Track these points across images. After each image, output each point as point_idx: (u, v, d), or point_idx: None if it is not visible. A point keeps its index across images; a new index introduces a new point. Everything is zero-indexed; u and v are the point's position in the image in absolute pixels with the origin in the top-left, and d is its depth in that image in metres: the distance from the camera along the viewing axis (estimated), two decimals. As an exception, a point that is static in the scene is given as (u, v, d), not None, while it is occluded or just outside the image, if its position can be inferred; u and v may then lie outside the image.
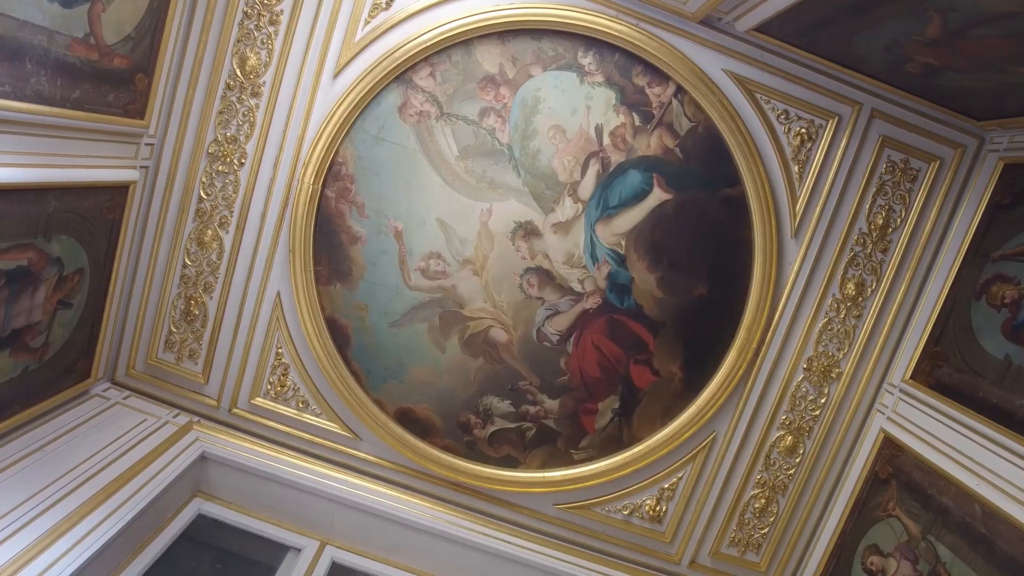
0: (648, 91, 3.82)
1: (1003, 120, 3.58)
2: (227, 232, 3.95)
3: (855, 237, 3.98)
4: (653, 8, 3.67)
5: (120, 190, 3.59)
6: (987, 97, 3.42)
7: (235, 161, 3.87)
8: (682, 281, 3.94)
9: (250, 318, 4.03)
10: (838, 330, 4.07)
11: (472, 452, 4.17)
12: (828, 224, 3.93)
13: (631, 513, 4.22)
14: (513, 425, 4.15)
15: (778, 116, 3.84)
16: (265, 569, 3.75)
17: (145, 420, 3.79)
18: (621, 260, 3.92)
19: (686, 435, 4.13)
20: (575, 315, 4.00)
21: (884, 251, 3.97)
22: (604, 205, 3.88)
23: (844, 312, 4.05)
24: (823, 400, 4.14)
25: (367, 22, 3.72)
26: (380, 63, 3.74)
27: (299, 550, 3.82)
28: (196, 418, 4.04)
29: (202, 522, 3.79)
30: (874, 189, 3.92)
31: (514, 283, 3.95)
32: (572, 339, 4.04)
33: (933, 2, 2.54)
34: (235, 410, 4.10)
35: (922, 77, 3.35)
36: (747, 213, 3.89)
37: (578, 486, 4.17)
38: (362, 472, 4.13)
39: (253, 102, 3.79)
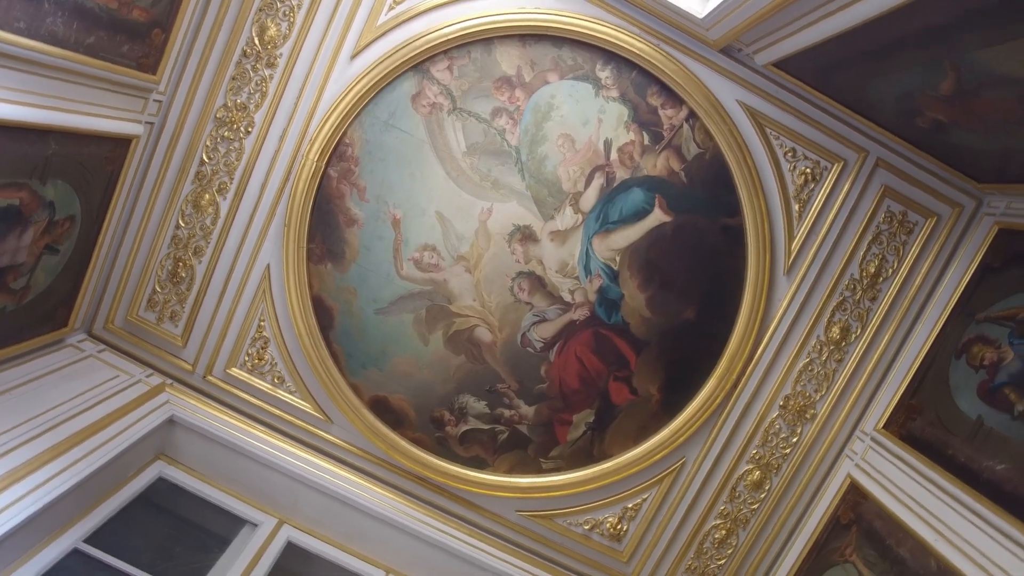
0: (661, 112, 3.84)
1: (1003, 185, 3.63)
2: (224, 198, 3.92)
3: (846, 282, 4.01)
4: (676, 31, 3.69)
5: (122, 143, 3.55)
6: (990, 160, 3.47)
7: (242, 129, 3.85)
8: (671, 303, 3.96)
9: (236, 287, 4.00)
10: (818, 372, 4.09)
11: (442, 449, 4.15)
12: (821, 266, 3.96)
13: (592, 528, 4.22)
14: (486, 426, 4.14)
15: (785, 153, 3.88)
16: (219, 540, 3.71)
17: (117, 376, 3.75)
18: (614, 276, 3.93)
19: (656, 457, 4.14)
20: (562, 324, 4.00)
21: (873, 299, 4.01)
22: (604, 219, 3.89)
23: (826, 355, 4.08)
24: (795, 439, 4.16)
25: (391, 7, 3.72)
26: (399, 50, 3.73)
27: (256, 525, 3.78)
28: (169, 380, 3.99)
29: (162, 485, 3.75)
30: (870, 237, 3.96)
31: (505, 285, 3.95)
32: (556, 348, 4.04)
33: (951, 58, 2.57)
34: (209, 377, 4.06)
35: (930, 132, 3.39)
36: (743, 245, 3.91)
37: (543, 495, 4.16)
38: (329, 455, 4.10)
39: (267, 72, 3.78)
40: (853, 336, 4.05)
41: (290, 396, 4.08)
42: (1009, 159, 3.32)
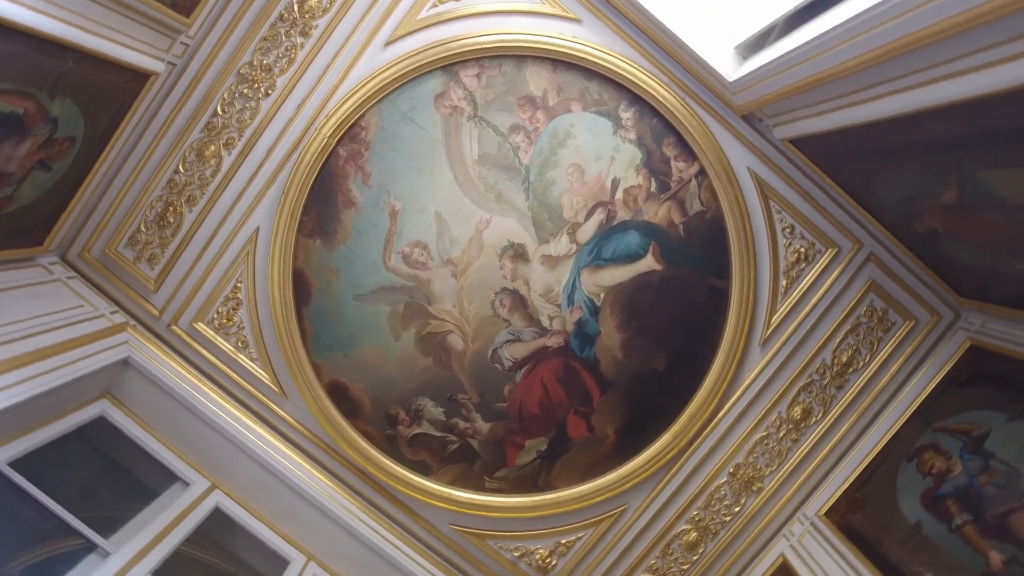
0: (673, 163, 3.89)
1: (982, 303, 3.72)
2: (229, 154, 3.89)
3: (817, 365, 4.07)
4: (704, 89, 3.76)
5: (140, 77, 3.52)
6: (975, 277, 3.55)
7: (262, 90, 3.84)
8: (645, 350, 3.98)
9: (221, 244, 3.96)
10: (773, 447, 4.13)
11: (390, 447, 4.11)
12: (797, 345, 4.02)
13: (521, 556, 4.18)
14: (438, 434, 4.11)
15: (784, 228, 3.95)
16: (147, 492, 3.63)
17: (82, 306, 3.68)
18: (595, 311, 3.95)
19: (599, 498, 4.13)
20: (534, 348, 4.00)
21: (839, 387, 4.07)
22: (597, 254, 3.92)
23: (784, 432, 4.11)
24: (737, 509, 4.18)
25: (435, 5, 3.76)
26: (433, 47, 3.76)
27: (188, 484, 3.70)
28: (133, 322, 3.93)
29: (102, 425, 3.66)
30: (848, 327, 4.03)
31: (487, 298, 3.95)
32: (523, 370, 4.03)
33: (957, 171, 2.65)
34: (174, 327, 3.99)
35: (924, 237, 3.48)
36: (726, 308, 3.96)
37: (479, 513, 4.13)
38: (276, 430, 4.04)
39: (299, 40, 3.78)
40: (813, 419, 4.10)
41: (250, 363, 4.03)
42: (992, 280, 3.41)
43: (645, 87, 3.76)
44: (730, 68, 3.52)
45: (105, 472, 3.70)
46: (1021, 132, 2.21)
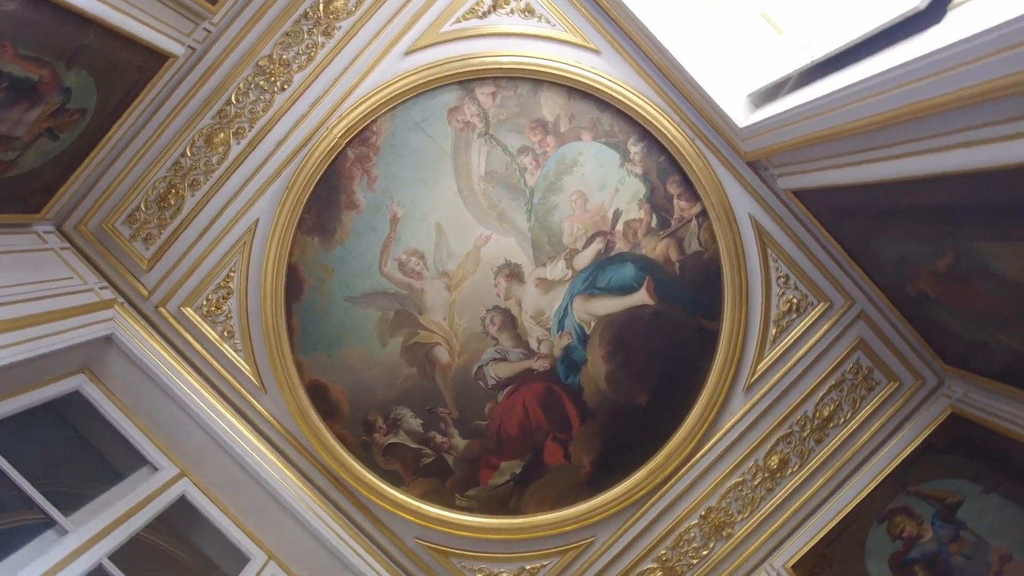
0: (676, 202, 3.93)
1: (966, 372, 3.74)
2: (238, 143, 3.90)
3: (798, 417, 4.08)
4: (714, 132, 3.81)
5: (159, 58, 3.53)
6: (961, 346, 3.58)
7: (278, 84, 3.86)
8: (629, 383, 3.98)
9: (219, 231, 3.95)
10: (747, 494, 4.12)
11: (365, 454, 4.07)
12: (780, 394, 4.03)
13: (485, 578, 4.14)
14: (414, 445, 4.07)
15: (779, 278, 3.97)
16: (114, 473, 3.57)
17: (71, 278, 3.65)
18: (584, 339, 3.95)
19: (568, 528, 4.10)
20: (519, 369, 3.99)
21: (818, 441, 4.07)
22: (591, 283, 3.94)
23: (759, 480, 4.11)
24: (705, 552, 4.16)
25: (458, 20, 3.80)
26: (452, 62, 3.80)
27: (157, 469, 3.65)
28: (121, 299, 3.89)
29: (76, 400, 3.61)
30: (833, 382, 4.05)
31: (478, 314, 3.95)
32: (506, 390, 4.02)
33: (954, 239, 2.69)
34: (161, 309, 3.96)
35: (915, 301, 3.51)
36: (713, 350, 3.97)
37: (446, 530, 4.08)
38: (252, 425, 3.99)
39: (321, 39, 3.81)
40: (789, 470, 4.10)
41: (233, 353, 4.00)
42: (978, 350, 3.43)
43: (656, 124, 3.80)
44: (741, 114, 3.57)
45: (73, 448, 3.64)
46: (1018, 208, 2.25)
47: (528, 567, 4.14)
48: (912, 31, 2.25)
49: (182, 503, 3.67)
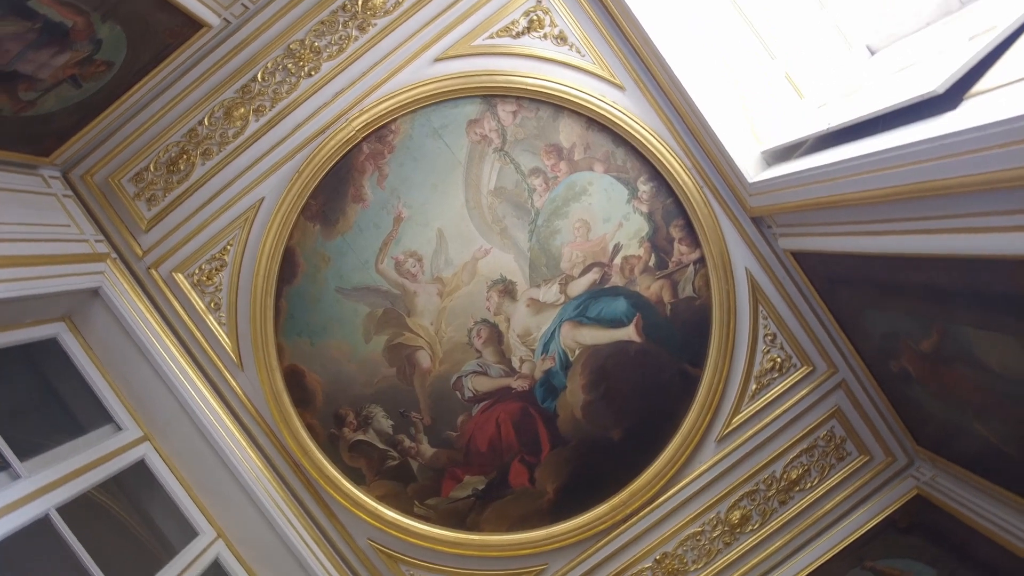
0: (676, 245, 3.97)
1: (937, 457, 3.76)
2: (257, 120, 3.93)
3: (765, 476, 4.08)
4: (723, 182, 3.87)
5: (193, 24, 3.56)
6: (935, 428, 3.61)
7: (305, 69, 3.90)
8: (605, 416, 3.98)
9: (223, 204, 3.95)
10: (704, 545, 4.10)
11: (331, 447, 4.04)
12: (751, 450, 4.03)
13: (430, 589, 4.09)
14: (381, 446, 4.05)
15: (766, 335, 4.00)
16: (77, 425, 3.53)
17: (69, 226, 3.64)
18: (566, 365, 3.96)
19: (522, 552, 4.07)
20: (498, 385, 3.99)
21: (782, 503, 4.07)
22: (582, 311, 3.96)
23: (718, 533, 4.10)
24: (654, 598, 4.13)
25: (492, 36, 3.86)
26: (480, 75, 3.86)
27: (121, 429, 3.61)
28: (114, 255, 3.88)
29: (51, 348, 3.58)
30: (805, 446, 4.06)
31: (466, 324, 3.96)
32: (481, 405, 4.01)
33: (942, 321, 2.73)
34: (153, 271, 3.95)
35: (897, 378, 3.54)
36: (692, 396, 3.98)
37: (400, 535, 4.04)
38: (224, 401, 3.96)
39: (355, 33, 3.87)
40: (750, 528, 4.09)
41: (217, 327, 3.98)
42: (952, 435, 3.46)
43: (668, 166, 3.85)
44: (753, 170, 3.62)
45: (40, 396, 3.60)
46: (1007, 299, 2.29)
47: (475, 585, 4.10)
48: (927, 113, 2.31)
49: (140, 467, 3.62)
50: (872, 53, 3.59)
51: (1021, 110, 1.74)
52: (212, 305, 3.99)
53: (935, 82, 2.23)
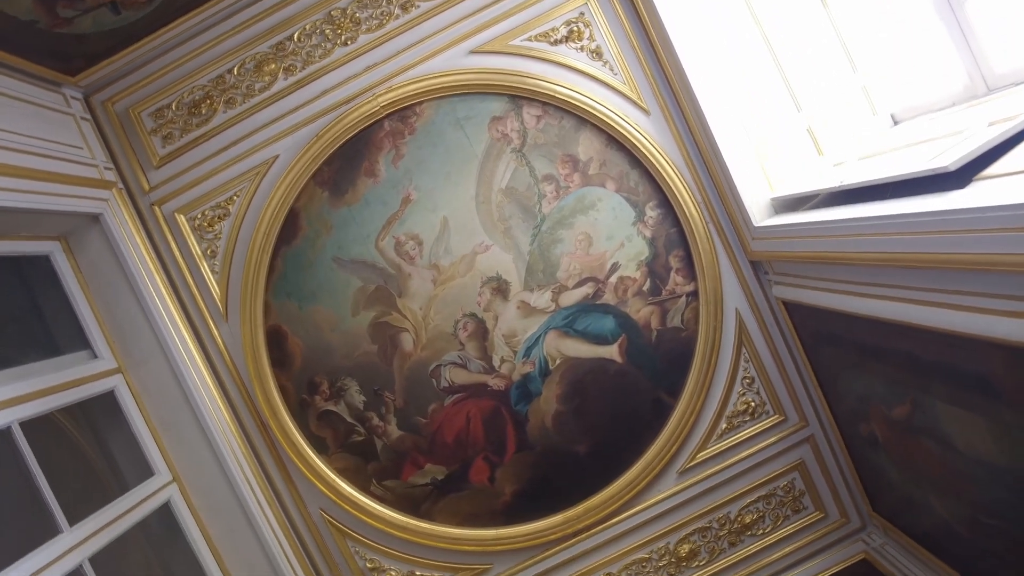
0: (673, 274, 4.01)
1: (889, 525, 3.81)
2: (285, 79, 3.96)
3: (719, 515, 4.12)
4: (728, 222, 3.92)
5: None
6: (893, 497, 3.66)
7: (342, 37, 3.93)
8: (574, 429, 4.01)
9: (237, 154, 3.97)
10: (648, 572, 4.14)
11: (300, 412, 4.05)
12: (710, 488, 4.07)
13: (372, 569, 4.09)
14: (349, 419, 4.07)
15: (744, 378, 4.05)
16: (53, 346, 3.52)
17: (82, 149, 3.65)
18: (545, 372, 3.99)
19: (468, 548, 4.08)
20: (474, 381, 4.02)
21: (732, 544, 4.11)
22: (570, 322, 3.99)
23: (664, 563, 4.13)
24: (591, 617, 4.15)
25: (530, 39, 3.91)
26: (511, 75, 3.90)
27: (96, 357, 3.61)
28: (121, 185, 3.89)
29: (43, 264, 3.57)
30: (763, 493, 4.10)
31: (454, 315, 3.98)
32: (455, 397, 4.04)
33: (917, 391, 2.77)
34: (156, 208, 3.95)
35: (864, 441, 3.59)
36: (662, 425, 4.02)
37: (353, 511, 4.04)
38: (203, 347, 3.95)
39: (397, 11, 3.91)
40: (696, 563, 4.13)
41: (210, 273, 3.99)
42: (906, 507, 3.51)
43: (679, 196, 3.90)
44: (760, 214, 3.67)
45: (22, 310, 3.59)
46: (980, 380, 2.34)
47: (418, 573, 4.11)
48: (936, 188, 2.36)
49: (108, 398, 3.62)
50: (895, 122, 3.66)
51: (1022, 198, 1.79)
52: (208, 252, 4.00)
53: (948, 159, 2.28)
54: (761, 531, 4.11)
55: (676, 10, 3.63)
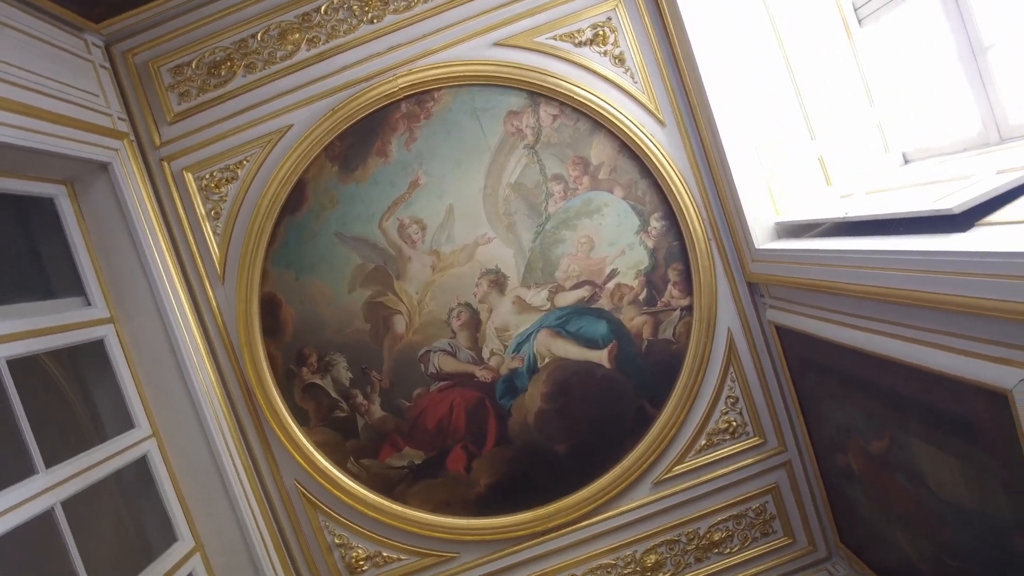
0: (670, 287, 4.03)
1: (855, 557, 3.84)
2: (307, 51, 3.97)
3: (689, 530, 4.15)
4: (731, 241, 3.94)
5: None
6: (861, 530, 3.68)
7: (369, 15, 3.94)
8: (556, 429, 4.03)
9: (252, 119, 3.98)
10: (612, 578, 4.17)
11: (286, 382, 4.07)
12: (683, 502, 4.09)
13: (340, 545, 4.11)
14: (334, 395, 4.08)
15: (728, 397, 4.07)
16: (47, 288, 3.52)
17: (98, 96, 3.66)
18: (533, 370, 4.01)
19: (437, 535, 4.10)
20: (461, 370, 4.04)
21: (698, 560, 4.15)
22: (563, 323, 4.01)
23: (629, 571, 4.16)
24: (551, 616, 4.18)
25: (555, 38, 3.92)
26: (532, 72, 3.91)
27: (89, 304, 3.62)
28: (133, 137, 3.89)
29: (46, 206, 3.57)
30: (734, 512, 4.13)
31: (449, 303, 4.00)
32: (441, 384, 4.06)
33: (896, 427, 2.80)
34: (166, 164, 3.96)
35: (839, 472, 3.62)
36: (642, 434, 4.04)
37: (327, 486, 4.06)
38: (196, 307, 3.96)
39: (426, -6, 3.93)
40: (660, 574, 4.15)
41: (212, 235, 4.00)
42: (873, 540, 3.54)
43: (684, 211, 3.93)
44: (762, 236, 3.70)
45: (20, 250, 3.60)
46: (958, 421, 2.37)
47: (385, 554, 4.13)
48: (939, 229, 2.38)
49: (97, 347, 3.62)
50: (906, 161, 3.68)
51: (1021, 247, 1.82)
52: (212, 213, 4.01)
53: (953, 202, 2.30)
54: (728, 550, 4.14)
55: (703, 24, 3.65)
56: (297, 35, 3.95)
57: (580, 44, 3.94)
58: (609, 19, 3.93)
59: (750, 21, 3.72)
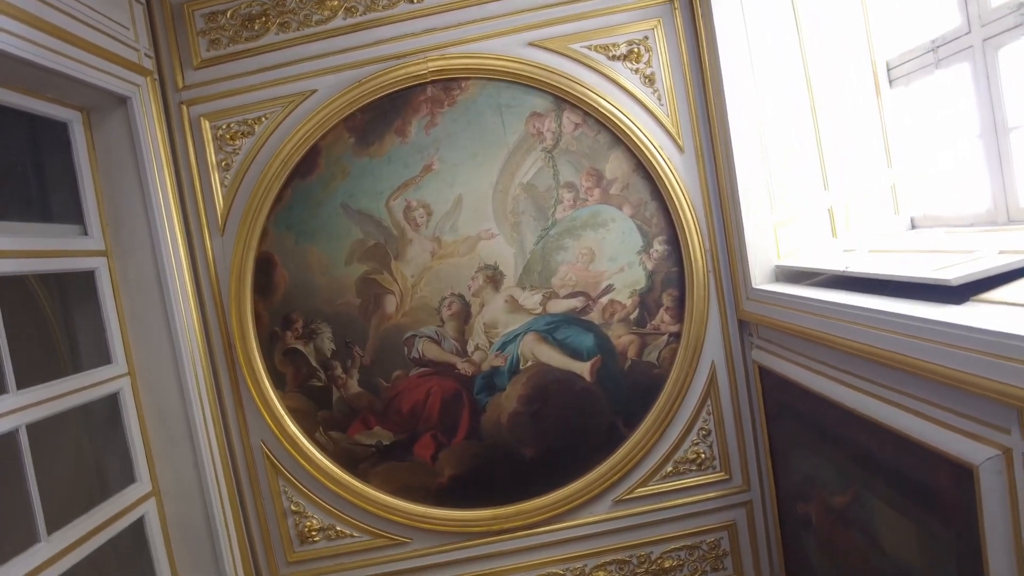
0: (662, 312, 4.05)
1: (800, 607, 3.88)
2: (344, 19, 3.97)
3: (641, 553, 4.17)
4: (729, 277, 3.97)
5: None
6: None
7: (409, -4, 3.96)
8: (527, 432, 4.04)
9: (277, 77, 3.97)
10: (558, 589, 4.19)
11: (269, 343, 4.08)
12: (640, 524, 4.11)
13: (296, 512, 4.11)
14: (314, 363, 4.09)
15: (701, 429, 4.09)
16: (47, 211, 3.49)
17: (128, 30, 3.64)
18: (514, 371, 4.02)
19: (393, 518, 4.11)
20: (444, 360, 4.04)
21: (645, 583, 4.17)
22: (551, 330, 4.02)
23: (576, 584, 4.19)
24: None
25: (589, 48, 3.93)
26: (562, 77, 3.92)
27: (86, 235, 3.60)
28: (156, 76, 3.88)
29: (58, 128, 3.53)
30: (688, 543, 4.16)
31: (442, 292, 4.01)
32: (422, 370, 4.06)
33: (860, 485, 2.83)
34: (184, 107, 3.95)
35: (798, 520, 3.65)
36: (611, 451, 4.06)
37: (292, 452, 4.06)
38: (192, 255, 3.96)
39: (469, -14, 3.93)
40: (606, 592, 4.18)
41: (219, 186, 4.00)
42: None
43: (689, 240, 3.94)
44: (760, 277, 3.72)
45: (25, 168, 3.58)
46: (921, 489, 2.40)
47: (339, 528, 4.13)
48: (934, 298, 2.41)
49: (87, 277, 3.61)
50: (913, 226, 3.72)
51: (1011, 329, 1.84)
52: (223, 164, 4.00)
53: (952, 274, 2.33)
54: (676, 579, 4.17)
55: (737, 59, 3.67)
56: (336, 2, 3.95)
57: (613, 58, 3.95)
58: (646, 38, 3.94)
59: (784, 62, 3.73)
